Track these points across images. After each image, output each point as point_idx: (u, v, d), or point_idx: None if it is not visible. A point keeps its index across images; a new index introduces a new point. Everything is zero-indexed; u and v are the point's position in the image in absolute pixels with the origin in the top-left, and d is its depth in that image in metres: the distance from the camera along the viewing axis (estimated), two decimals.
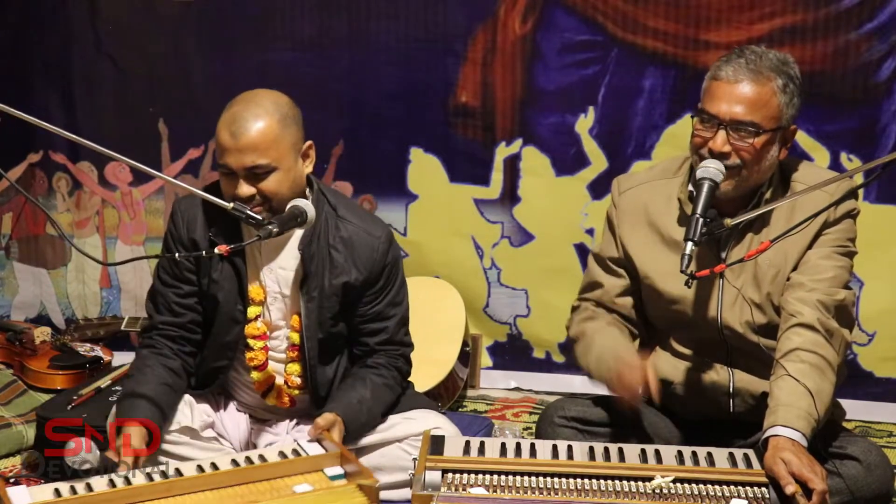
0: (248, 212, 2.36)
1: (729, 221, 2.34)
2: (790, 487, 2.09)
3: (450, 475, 2.15)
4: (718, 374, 2.58)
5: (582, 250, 3.68)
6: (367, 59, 3.71)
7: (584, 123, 3.62)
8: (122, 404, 2.49)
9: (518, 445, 2.27)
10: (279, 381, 2.63)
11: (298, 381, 2.61)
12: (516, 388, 3.81)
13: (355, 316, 2.60)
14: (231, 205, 2.35)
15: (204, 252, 2.37)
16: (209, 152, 3.90)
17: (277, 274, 2.56)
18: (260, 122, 2.42)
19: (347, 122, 3.79)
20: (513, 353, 3.84)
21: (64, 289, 4.11)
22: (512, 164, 3.71)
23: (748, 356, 2.55)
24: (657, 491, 2.12)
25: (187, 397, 2.61)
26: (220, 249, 2.30)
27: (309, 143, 2.54)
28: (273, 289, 2.56)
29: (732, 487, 2.14)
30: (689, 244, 2.31)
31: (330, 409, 2.44)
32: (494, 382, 3.83)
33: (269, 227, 2.34)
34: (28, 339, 3.77)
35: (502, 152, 3.71)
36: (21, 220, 4.08)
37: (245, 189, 2.41)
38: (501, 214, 3.77)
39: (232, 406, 2.71)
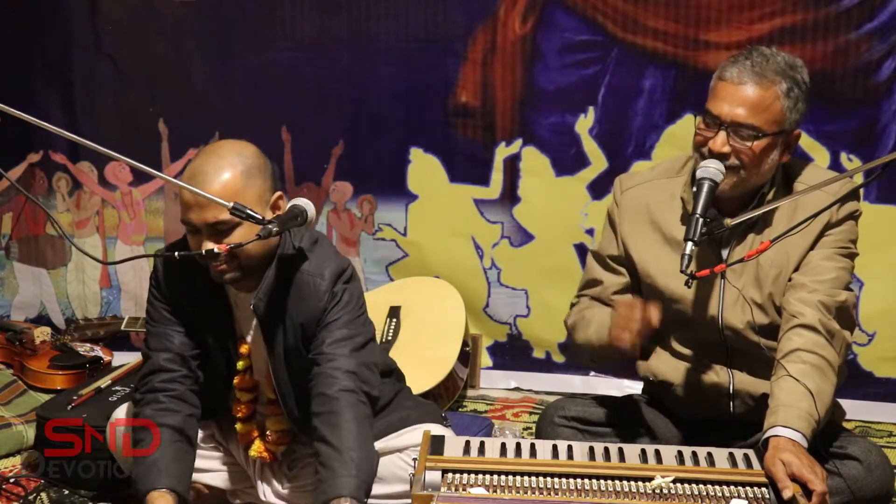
0: (249, 211, 2.33)
1: (729, 221, 2.34)
2: (787, 492, 2.09)
3: (450, 475, 2.15)
4: (718, 376, 2.58)
5: (582, 250, 3.68)
6: (367, 59, 3.71)
7: (584, 123, 3.62)
8: (141, 473, 2.39)
9: (518, 445, 2.26)
10: (258, 435, 2.59)
11: (276, 437, 2.55)
12: (516, 388, 3.80)
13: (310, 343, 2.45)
14: (231, 204, 2.31)
15: (204, 251, 2.34)
16: None
17: (254, 330, 2.50)
18: (222, 174, 2.29)
19: (347, 122, 3.79)
20: (513, 353, 3.84)
21: (64, 289, 4.11)
22: (512, 164, 3.71)
23: (748, 357, 2.55)
24: (657, 491, 2.11)
25: None
26: (220, 248, 2.28)
27: (278, 193, 2.41)
28: (251, 345, 2.52)
29: (732, 488, 2.14)
30: (689, 244, 2.31)
31: (336, 497, 2.24)
32: (494, 382, 3.83)
33: (270, 226, 2.30)
34: (28, 339, 3.77)
35: (502, 152, 3.71)
36: (21, 220, 4.08)
37: (208, 245, 2.29)
38: (501, 214, 3.76)
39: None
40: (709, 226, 2.34)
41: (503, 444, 2.27)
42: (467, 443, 2.28)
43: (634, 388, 3.30)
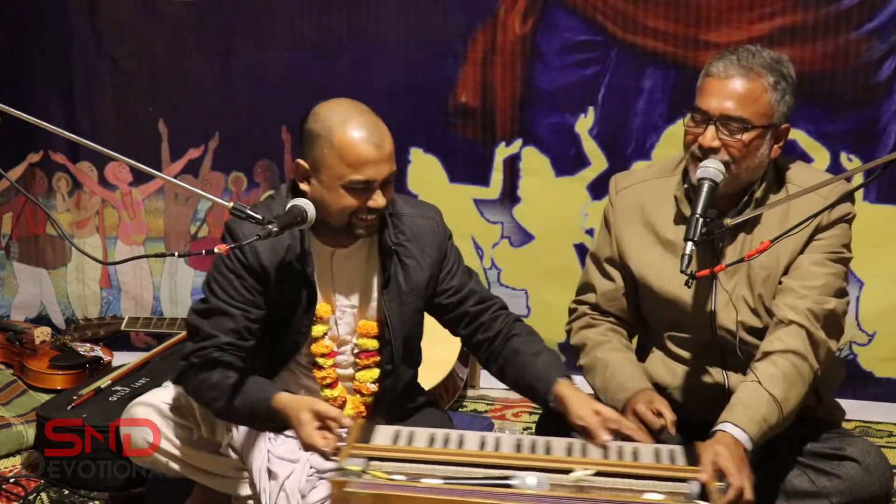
0: (248, 211, 2.33)
1: (729, 221, 2.34)
2: (702, 475, 2.10)
3: (374, 463, 2.12)
4: (713, 377, 2.57)
5: (582, 250, 3.69)
6: (367, 59, 3.71)
7: (584, 123, 3.62)
8: (254, 392, 2.37)
9: (448, 436, 2.25)
10: (349, 393, 2.59)
11: (374, 387, 2.57)
12: None
13: (440, 295, 2.58)
14: (231, 204, 2.32)
15: (204, 252, 2.33)
16: (209, 152, 3.90)
17: (348, 287, 2.53)
18: (383, 125, 2.41)
19: None
20: None
21: (64, 289, 4.11)
22: (512, 164, 3.71)
23: (742, 358, 2.54)
24: (577, 483, 2.09)
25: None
26: (220, 249, 2.28)
27: None
28: (343, 303, 2.53)
29: (651, 482, 2.10)
30: (689, 244, 2.30)
31: (552, 381, 2.39)
32: (494, 382, 3.78)
33: (270, 226, 2.31)
34: (28, 339, 3.77)
35: (502, 152, 3.71)
36: (21, 220, 4.09)
37: (382, 199, 2.37)
38: (501, 214, 3.77)
39: None
40: (708, 226, 2.34)
41: (433, 435, 2.25)
42: (397, 432, 2.26)
43: None
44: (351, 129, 2.36)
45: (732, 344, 2.52)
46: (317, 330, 2.51)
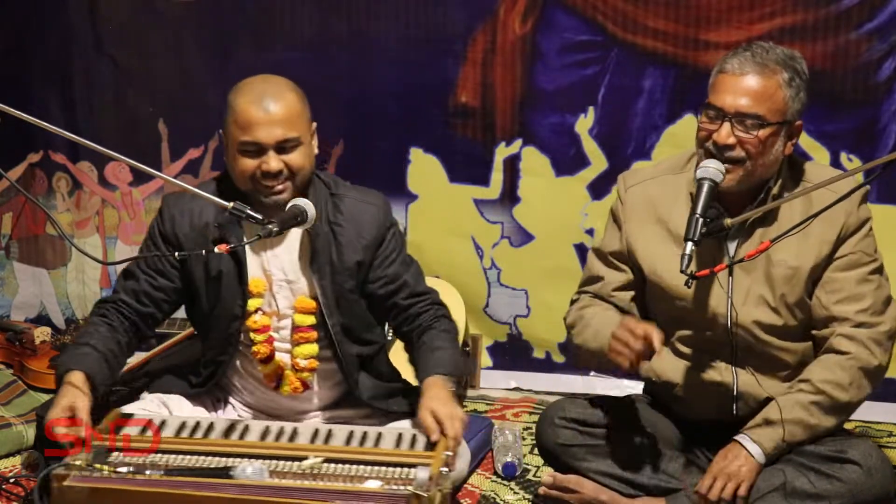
0: (249, 211, 2.36)
1: (729, 221, 2.34)
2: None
3: (115, 454, 2.13)
4: (722, 376, 2.56)
5: (582, 250, 3.68)
6: (367, 59, 3.71)
7: (584, 123, 3.62)
8: (66, 353, 2.48)
9: (197, 424, 2.26)
10: (287, 369, 2.61)
11: (305, 363, 2.59)
12: (516, 388, 3.80)
13: (373, 283, 2.60)
14: (231, 204, 2.34)
15: (204, 251, 2.36)
16: (209, 152, 3.90)
17: (283, 260, 2.55)
18: (287, 95, 2.48)
19: (347, 122, 3.79)
20: (513, 353, 3.84)
21: (64, 289, 4.11)
22: (512, 164, 3.71)
23: (755, 356, 2.53)
24: (304, 471, 2.08)
25: (184, 401, 2.60)
26: (220, 249, 2.29)
27: (315, 123, 2.60)
28: (278, 276, 2.56)
29: (381, 468, 2.09)
30: (689, 244, 2.30)
31: (427, 375, 2.44)
32: (494, 382, 3.82)
33: (270, 226, 2.33)
34: (28, 339, 3.77)
35: (502, 152, 3.71)
36: (21, 220, 4.09)
37: (275, 163, 2.43)
38: (501, 214, 3.77)
39: (230, 409, 2.69)
40: (709, 225, 2.34)
41: (182, 423, 2.26)
42: (149, 421, 2.26)
43: (635, 388, 3.30)
44: (245, 93, 2.47)
45: (747, 342, 2.51)
46: (251, 304, 2.55)
